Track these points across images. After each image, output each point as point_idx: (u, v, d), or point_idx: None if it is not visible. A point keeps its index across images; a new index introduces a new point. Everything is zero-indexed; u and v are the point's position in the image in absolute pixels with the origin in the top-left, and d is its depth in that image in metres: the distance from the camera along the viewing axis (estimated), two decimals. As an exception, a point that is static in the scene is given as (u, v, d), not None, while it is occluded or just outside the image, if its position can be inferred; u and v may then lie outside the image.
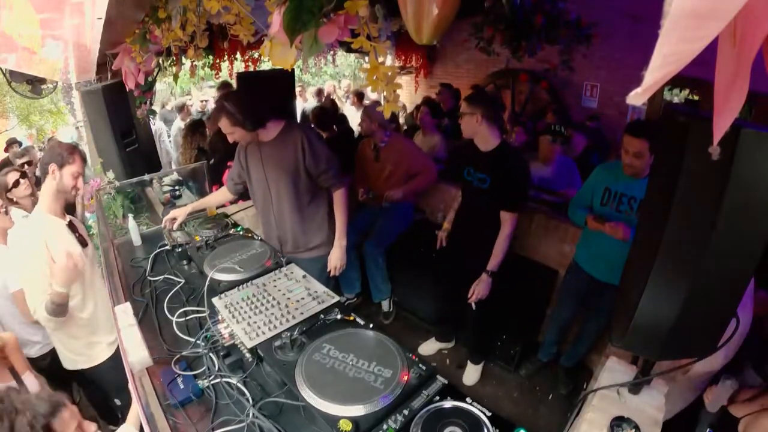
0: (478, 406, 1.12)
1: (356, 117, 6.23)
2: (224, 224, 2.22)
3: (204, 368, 1.34)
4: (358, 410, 1.07)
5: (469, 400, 1.14)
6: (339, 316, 1.46)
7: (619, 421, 1.16)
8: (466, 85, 6.11)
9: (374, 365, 1.20)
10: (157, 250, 2.06)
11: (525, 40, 3.99)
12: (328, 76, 12.30)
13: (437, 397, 1.15)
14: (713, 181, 0.80)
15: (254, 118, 1.95)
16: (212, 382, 1.28)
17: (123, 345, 1.31)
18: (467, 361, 2.83)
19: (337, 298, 1.57)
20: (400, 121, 5.13)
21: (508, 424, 1.08)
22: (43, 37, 2.04)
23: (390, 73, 1.04)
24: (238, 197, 2.60)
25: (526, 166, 2.24)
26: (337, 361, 1.23)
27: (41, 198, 1.91)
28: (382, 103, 1.10)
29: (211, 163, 3.48)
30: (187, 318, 1.61)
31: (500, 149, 2.18)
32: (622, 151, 2.04)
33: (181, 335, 1.52)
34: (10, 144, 5.98)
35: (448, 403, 1.13)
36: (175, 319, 1.59)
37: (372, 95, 6.93)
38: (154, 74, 3.36)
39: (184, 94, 9.74)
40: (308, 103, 7.23)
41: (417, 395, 1.14)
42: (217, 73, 4.69)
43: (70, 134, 6.81)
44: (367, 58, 1.08)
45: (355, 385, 1.15)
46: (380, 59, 1.03)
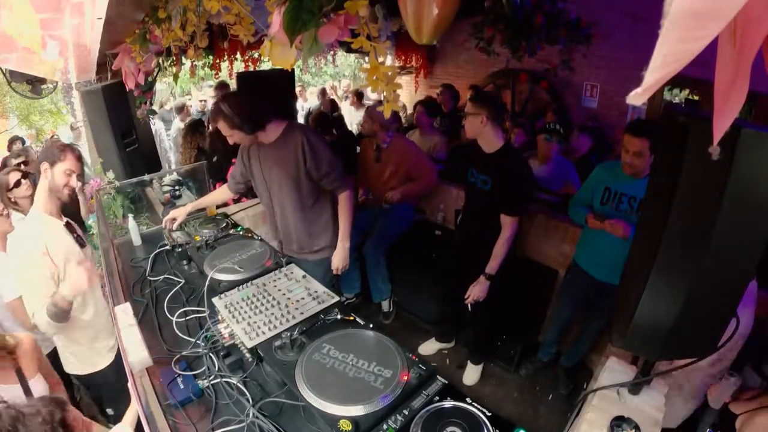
0: (478, 406, 1.12)
1: (356, 117, 6.26)
2: (224, 224, 2.22)
3: (204, 368, 1.34)
4: (358, 410, 1.07)
5: (469, 400, 1.14)
6: (339, 316, 1.46)
7: (619, 421, 1.16)
8: (466, 85, 6.10)
9: (374, 365, 1.21)
10: (157, 250, 2.06)
11: (525, 40, 3.98)
12: (328, 76, 12.31)
13: (437, 397, 1.15)
14: (713, 181, 0.80)
15: (252, 120, 1.92)
16: (212, 382, 1.28)
17: (123, 345, 1.31)
18: (467, 361, 2.83)
19: (337, 298, 1.57)
20: (402, 121, 5.11)
21: (508, 424, 1.08)
22: (43, 37, 2.03)
23: (390, 73, 1.04)
24: (240, 196, 2.59)
25: (528, 169, 2.21)
26: (337, 361, 1.23)
27: (36, 198, 1.87)
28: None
29: (213, 161, 3.48)
30: (187, 318, 1.61)
31: (503, 151, 2.15)
32: (622, 150, 2.03)
33: (181, 335, 1.52)
34: (13, 141, 5.99)
35: (448, 403, 1.13)
36: (175, 319, 1.59)
37: (372, 95, 6.93)
38: (154, 74, 3.35)
39: (184, 94, 9.74)
40: (308, 102, 7.24)
41: (417, 395, 1.14)
42: (217, 73, 4.69)
43: (67, 134, 6.81)
44: (367, 58, 1.08)
45: (355, 385, 1.15)
46: (380, 59, 1.03)
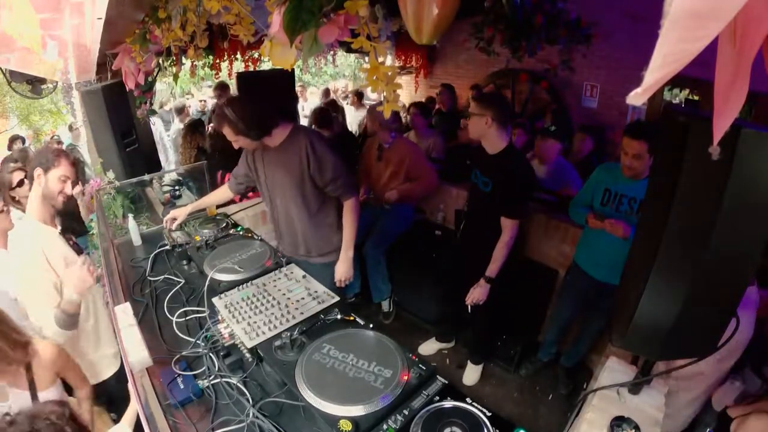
0: (478, 406, 1.12)
1: (356, 117, 6.26)
2: (224, 224, 2.22)
3: (204, 368, 1.34)
4: (358, 410, 1.07)
5: (469, 400, 1.14)
6: (339, 316, 1.46)
7: (619, 421, 1.16)
8: (466, 85, 6.11)
9: (374, 365, 1.21)
10: (157, 250, 2.06)
11: (525, 40, 3.98)
12: (328, 76, 12.31)
13: (437, 397, 1.15)
14: (713, 181, 0.80)
15: (258, 127, 1.88)
16: (212, 382, 1.28)
17: (123, 345, 1.31)
18: (467, 361, 2.83)
19: (337, 298, 1.57)
20: (403, 121, 5.11)
21: (508, 424, 1.08)
22: (43, 37, 2.03)
23: (390, 73, 1.04)
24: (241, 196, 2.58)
25: (530, 172, 2.19)
26: (337, 361, 1.23)
27: (29, 205, 1.80)
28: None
29: (214, 160, 3.49)
30: (187, 318, 1.61)
31: (505, 153, 2.12)
32: (621, 152, 2.02)
33: (181, 335, 1.52)
34: (13, 141, 6.00)
35: (448, 403, 1.13)
36: (175, 319, 1.59)
37: (372, 95, 6.92)
38: (154, 74, 3.36)
39: (184, 94, 9.74)
40: (309, 102, 7.24)
41: (417, 395, 1.14)
42: (217, 73, 4.68)
43: (67, 134, 6.81)
44: (367, 58, 1.08)
45: (355, 385, 1.15)
46: (380, 59, 1.03)
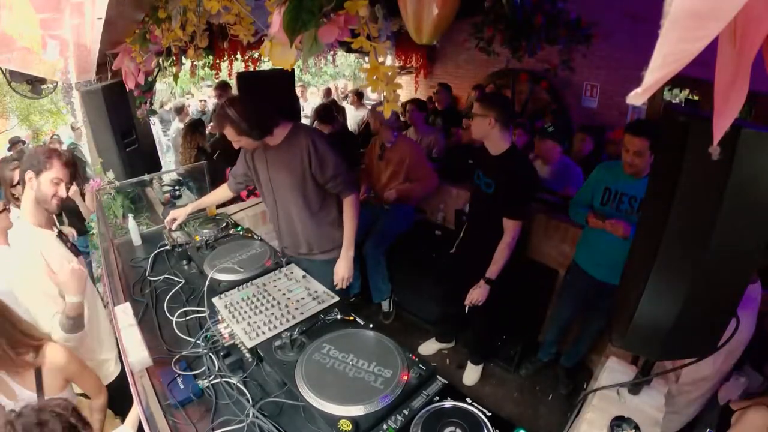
0: (478, 406, 1.12)
1: (356, 117, 6.26)
2: (224, 224, 2.22)
3: (204, 368, 1.34)
4: (358, 410, 1.07)
5: (469, 400, 1.14)
6: (339, 316, 1.46)
7: (619, 421, 1.16)
8: (466, 85, 6.10)
9: (374, 365, 1.21)
10: (157, 250, 2.06)
11: (525, 40, 3.99)
12: (328, 76, 12.30)
13: (437, 397, 1.15)
14: (713, 181, 0.80)
15: (260, 126, 1.87)
16: (212, 382, 1.28)
17: (123, 345, 1.31)
18: (467, 361, 2.83)
19: (337, 298, 1.57)
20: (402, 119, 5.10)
21: (508, 424, 1.08)
22: (43, 37, 2.03)
23: (390, 73, 1.04)
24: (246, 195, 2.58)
25: (533, 173, 2.18)
26: (337, 361, 1.23)
27: (23, 210, 1.75)
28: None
29: (214, 159, 3.49)
30: (187, 318, 1.61)
31: (508, 154, 2.11)
32: (623, 150, 2.03)
33: (181, 335, 1.52)
34: (14, 143, 5.99)
35: (448, 403, 1.13)
36: (175, 319, 1.59)
37: (372, 95, 6.92)
38: (154, 74, 3.36)
39: (184, 94, 9.74)
40: (309, 102, 7.24)
41: (417, 395, 1.14)
42: (217, 73, 4.68)
43: (68, 134, 6.82)
44: (367, 58, 1.08)
45: (355, 385, 1.15)
46: (380, 59, 1.03)
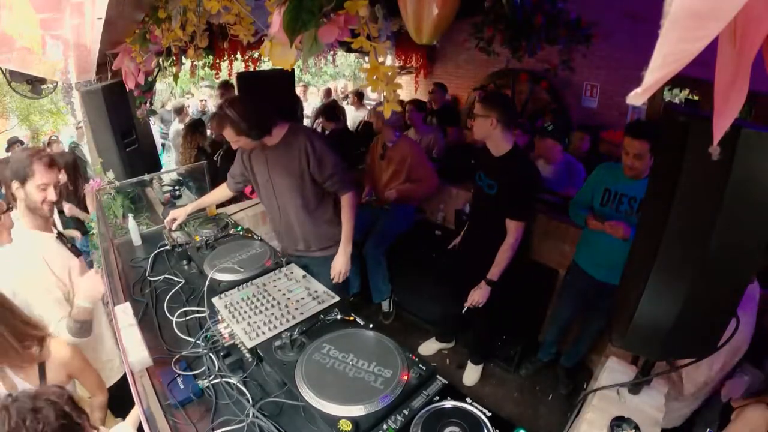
0: (478, 406, 1.12)
1: (357, 117, 6.25)
2: (224, 224, 2.22)
3: (204, 368, 1.34)
4: (358, 410, 1.07)
5: (469, 400, 1.14)
6: (339, 316, 1.46)
7: (619, 421, 1.16)
8: (466, 85, 6.10)
9: (374, 365, 1.21)
10: (157, 250, 2.06)
11: (525, 40, 3.98)
12: (328, 76, 12.30)
13: (437, 397, 1.15)
14: (713, 181, 0.80)
15: (259, 127, 1.89)
16: (212, 382, 1.28)
17: (123, 345, 1.31)
18: (467, 361, 2.83)
19: (337, 298, 1.58)
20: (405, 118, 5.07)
21: (508, 424, 1.08)
22: (44, 36, 2.03)
23: (390, 73, 1.04)
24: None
25: (536, 174, 2.17)
26: (337, 361, 1.23)
27: (19, 217, 1.68)
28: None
29: (215, 159, 3.49)
30: (187, 318, 1.61)
31: (511, 155, 2.10)
32: (623, 152, 2.02)
33: (181, 335, 1.52)
34: (12, 144, 5.98)
35: (448, 403, 1.13)
36: (175, 319, 1.59)
37: (372, 95, 6.92)
38: (154, 74, 3.35)
39: (184, 94, 9.73)
40: (309, 102, 7.24)
41: (417, 395, 1.15)
42: (217, 73, 4.68)
43: (70, 133, 6.83)
44: (367, 58, 1.08)
45: (355, 385, 1.15)
46: (380, 59, 1.03)
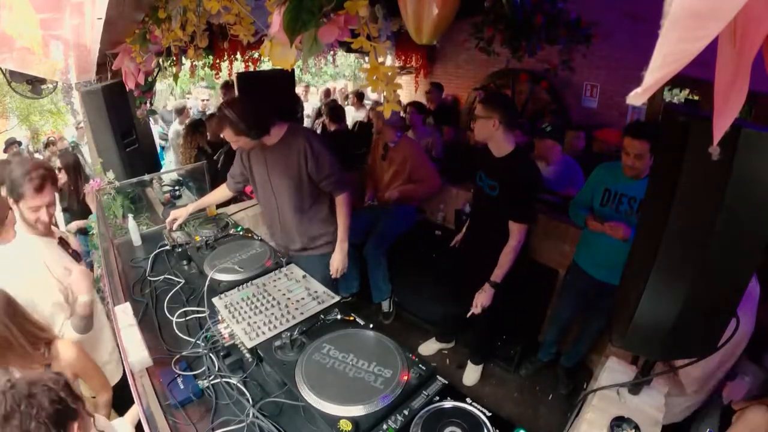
0: (478, 406, 1.12)
1: (356, 118, 6.25)
2: (224, 224, 2.22)
3: (204, 368, 1.34)
4: (358, 410, 1.07)
5: (469, 400, 1.14)
6: (339, 316, 1.46)
7: (619, 421, 1.16)
8: (466, 85, 6.10)
9: (374, 365, 1.21)
10: (157, 250, 2.06)
11: (525, 40, 3.99)
12: (328, 76, 12.30)
13: (437, 397, 1.15)
14: (713, 181, 0.80)
15: (258, 126, 1.91)
16: (212, 382, 1.28)
17: (123, 345, 1.31)
18: (467, 361, 2.83)
19: (337, 298, 1.58)
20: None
21: (508, 424, 1.08)
22: (44, 37, 2.03)
23: (390, 73, 1.04)
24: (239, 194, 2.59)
25: (538, 175, 2.16)
26: (337, 361, 1.23)
27: (18, 224, 1.68)
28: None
29: (215, 159, 3.49)
30: (187, 318, 1.61)
31: (512, 156, 2.09)
32: (623, 153, 2.01)
33: (181, 335, 1.52)
34: (10, 145, 5.98)
35: (448, 403, 1.13)
36: (175, 319, 1.59)
37: (372, 95, 6.92)
38: (154, 74, 3.35)
39: (184, 94, 9.72)
40: (309, 102, 7.23)
41: (417, 395, 1.15)
42: (217, 74, 4.67)
43: (71, 134, 6.83)
44: (367, 58, 1.08)
45: (355, 385, 1.15)
46: (380, 59, 1.03)
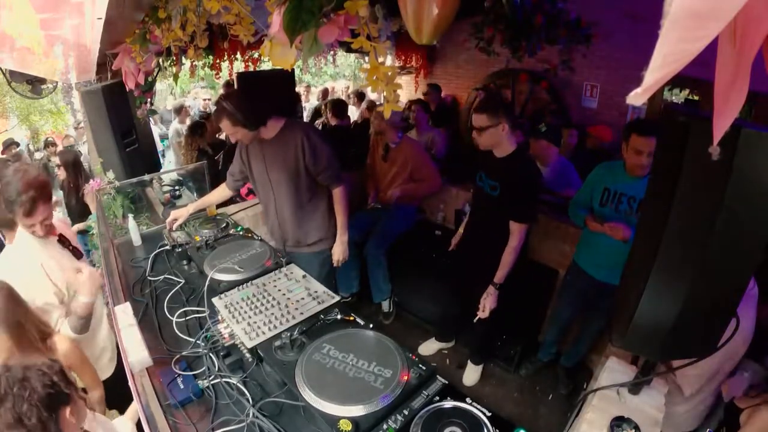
0: (478, 406, 1.12)
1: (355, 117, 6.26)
2: (224, 224, 2.22)
3: (204, 368, 1.34)
4: (358, 410, 1.07)
5: (469, 400, 1.14)
6: (339, 316, 1.46)
7: (619, 421, 1.16)
8: (466, 85, 6.10)
9: (374, 365, 1.21)
10: (157, 250, 2.06)
11: (525, 40, 3.99)
12: (328, 76, 12.30)
13: (437, 397, 1.15)
14: (713, 181, 0.80)
15: (254, 117, 1.95)
16: (212, 382, 1.28)
17: (123, 345, 1.31)
18: (467, 361, 2.83)
19: (337, 298, 1.58)
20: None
21: (508, 424, 1.08)
22: (44, 37, 2.03)
23: (390, 73, 1.04)
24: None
25: (538, 175, 2.16)
26: (337, 361, 1.23)
27: (18, 230, 1.71)
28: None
29: (216, 159, 3.50)
30: (187, 318, 1.61)
31: (514, 156, 2.08)
32: (631, 153, 1.96)
33: (181, 335, 1.52)
34: (8, 146, 5.94)
35: (448, 403, 1.13)
36: (175, 319, 1.59)
37: (371, 95, 6.92)
38: (154, 74, 3.35)
39: (184, 94, 9.71)
40: (309, 102, 7.23)
41: (417, 395, 1.15)
42: (217, 73, 4.68)
43: (73, 134, 6.81)
44: (367, 58, 1.08)
45: (355, 385, 1.15)
46: (380, 59, 1.03)
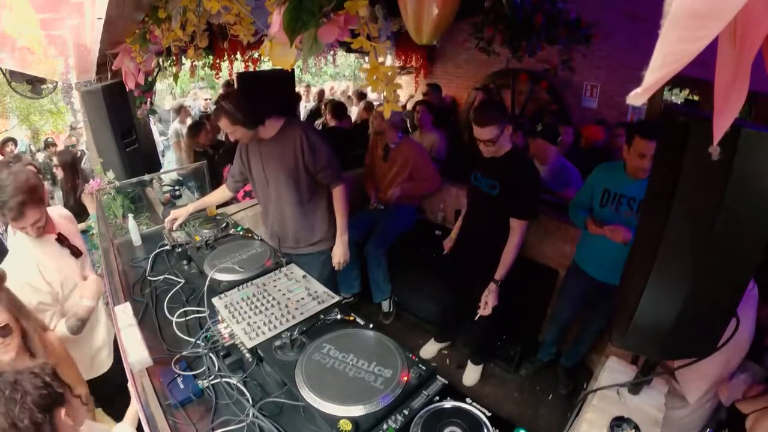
0: (478, 406, 1.12)
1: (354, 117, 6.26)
2: (224, 224, 2.22)
3: (204, 368, 1.34)
4: (358, 410, 1.07)
5: (469, 400, 1.14)
6: (339, 316, 1.46)
7: (619, 421, 1.16)
8: (466, 85, 6.11)
9: (374, 365, 1.21)
10: (157, 250, 2.06)
11: (525, 40, 4.00)
12: (328, 76, 12.29)
13: (437, 397, 1.15)
14: (713, 181, 0.80)
15: (253, 116, 1.96)
16: (212, 382, 1.28)
17: (123, 345, 1.31)
18: (467, 361, 2.83)
19: (337, 298, 1.58)
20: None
21: (508, 424, 1.08)
22: (44, 37, 2.03)
23: (390, 73, 1.04)
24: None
25: (536, 172, 2.19)
26: (337, 361, 1.23)
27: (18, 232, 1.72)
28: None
29: (216, 160, 3.50)
30: (187, 318, 1.61)
31: (511, 155, 2.10)
32: (634, 155, 1.95)
33: (181, 335, 1.52)
34: (5, 143, 5.88)
35: (448, 403, 1.13)
36: (175, 319, 1.59)
37: (371, 95, 6.92)
38: (154, 74, 3.35)
39: (184, 94, 9.71)
40: (309, 103, 7.23)
41: (417, 395, 1.15)
42: (217, 73, 4.68)
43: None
44: (367, 58, 1.08)
45: (355, 385, 1.15)
46: (380, 59, 1.03)
